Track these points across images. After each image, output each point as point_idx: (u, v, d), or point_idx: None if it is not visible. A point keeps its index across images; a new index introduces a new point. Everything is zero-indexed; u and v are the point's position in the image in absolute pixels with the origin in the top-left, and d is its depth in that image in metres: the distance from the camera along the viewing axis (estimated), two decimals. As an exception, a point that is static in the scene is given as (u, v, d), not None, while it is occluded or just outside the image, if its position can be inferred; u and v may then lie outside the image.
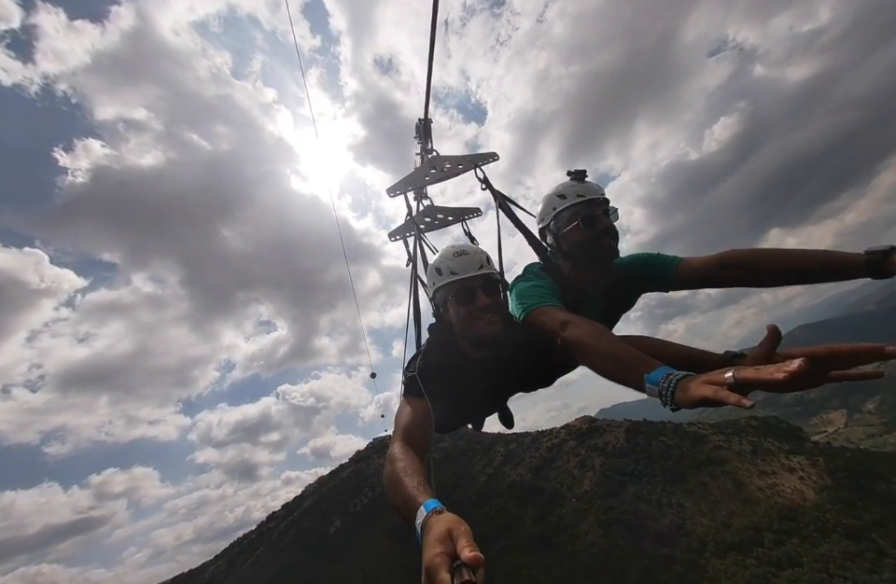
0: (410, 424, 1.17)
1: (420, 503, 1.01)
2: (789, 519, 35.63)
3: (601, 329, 1.08)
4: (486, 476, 64.33)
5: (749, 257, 1.20)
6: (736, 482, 42.29)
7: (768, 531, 35.20)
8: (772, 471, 41.73)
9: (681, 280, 1.38)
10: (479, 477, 64.85)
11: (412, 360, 1.44)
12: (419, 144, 2.96)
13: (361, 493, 71.51)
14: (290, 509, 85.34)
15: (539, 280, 1.43)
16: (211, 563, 76.04)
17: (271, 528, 79.10)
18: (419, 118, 2.89)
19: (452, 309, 1.31)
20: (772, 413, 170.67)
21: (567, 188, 1.49)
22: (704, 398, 1.05)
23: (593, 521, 45.42)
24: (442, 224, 2.97)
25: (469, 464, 69.52)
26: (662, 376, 1.05)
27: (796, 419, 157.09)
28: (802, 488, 38.29)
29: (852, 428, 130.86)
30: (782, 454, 43.91)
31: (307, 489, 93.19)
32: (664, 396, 1.05)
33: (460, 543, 1.00)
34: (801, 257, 1.15)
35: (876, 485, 36.70)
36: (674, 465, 48.31)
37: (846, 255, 1.12)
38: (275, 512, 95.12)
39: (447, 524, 1.00)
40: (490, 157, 2.65)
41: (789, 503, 37.33)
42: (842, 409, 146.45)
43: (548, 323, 1.18)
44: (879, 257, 1.11)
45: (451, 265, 1.32)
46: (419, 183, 2.80)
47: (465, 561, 1.00)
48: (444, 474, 65.04)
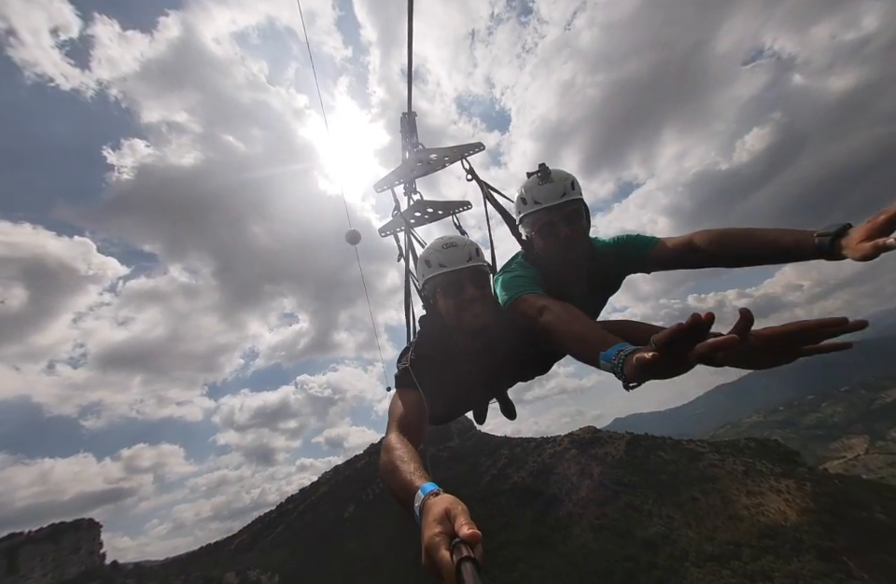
0: (404, 414, 1.17)
1: (417, 487, 1.01)
2: (768, 537, 38.34)
3: (572, 311, 1.05)
4: (490, 476, 68.47)
5: (716, 237, 1.18)
6: (725, 499, 45.01)
7: (747, 546, 38.06)
8: (760, 492, 44.20)
9: (657, 261, 1.39)
10: (484, 477, 69.10)
11: (403, 352, 1.50)
12: (405, 139, 2.97)
13: (374, 482, 77.24)
14: (308, 493, 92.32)
15: (521, 270, 1.47)
16: (235, 536, 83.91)
17: (290, 509, 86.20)
18: (402, 112, 2.92)
19: (440, 301, 1.37)
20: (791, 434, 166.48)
21: (528, 192, 1.48)
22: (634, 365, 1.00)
23: (586, 524, 49.03)
24: (432, 218, 2.97)
25: (475, 464, 73.89)
26: (614, 353, 1.01)
27: (816, 442, 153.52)
28: (785, 509, 40.75)
29: (872, 455, 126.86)
30: (772, 477, 46.15)
31: (324, 476, 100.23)
32: (616, 372, 1.01)
33: (458, 521, 1.00)
34: (759, 237, 1.07)
35: (858, 513, 38.82)
36: (668, 479, 51.19)
37: (800, 235, 1.02)
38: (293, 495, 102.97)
39: (445, 504, 1.01)
40: (475, 147, 2.62)
41: (770, 522, 39.95)
42: (865, 434, 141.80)
43: (527, 310, 1.19)
44: (828, 240, 0.99)
45: (439, 257, 1.37)
46: (406, 177, 2.79)
47: (463, 538, 1.00)
48: (451, 472, 69.60)
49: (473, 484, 66.13)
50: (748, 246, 1.10)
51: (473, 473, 69.01)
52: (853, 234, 0.99)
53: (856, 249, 0.98)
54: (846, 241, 0.99)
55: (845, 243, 0.99)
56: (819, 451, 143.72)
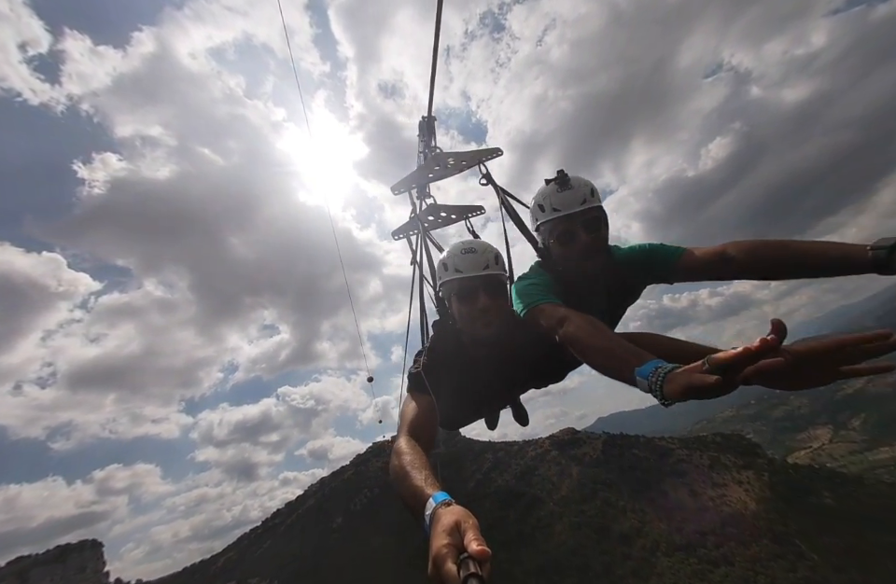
0: (415, 418, 1.16)
1: (429, 495, 0.99)
2: (730, 525, 41.34)
3: (596, 324, 1.01)
4: (475, 481, 70.05)
5: (751, 248, 1.14)
6: (692, 492, 48.01)
7: (711, 534, 40.94)
8: (723, 483, 47.42)
9: (684, 271, 1.35)
10: (469, 481, 70.59)
11: (416, 356, 1.48)
12: (422, 142, 2.95)
13: (361, 493, 77.49)
14: (294, 507, 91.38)
15: (538, 278, 1.45)
16: (221, 554, 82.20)
17: (277, 523, 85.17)
18: (422, 116, 2.89)
19: (454, 306, 1.35)
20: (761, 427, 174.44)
21: (546, 199, 1.46)
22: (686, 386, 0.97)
23: (566, 522, 51.20)
24: (446, 222, 2.94)
25: (460, 469, 75.36)
26: (651, 369, 0.98)
27: (784, 434, 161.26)
28: (745, 499, 43.96)
29: (836, 444, 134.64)
30: (735, 469, 49.52)
31: (310, 488, 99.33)
32: (653, 390, 0.98)
33: (468, 536, 0.99)
34: (804, 250, 1.04)
35: (809, 498, 42.35)
36: (641, 476, 54.02)
37: (850, 248, 1.01)
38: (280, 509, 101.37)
39: (455, 516, 0.99)
40: (494, 152, 2.59)
41: (733, 511, 43.03)
42: (829, 425, 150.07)
43: (545, 320, 1.15)
44: (884, 253, 0.99)
45: (457, 262, 1.34)
46: (423, 180, 2.79)
47: (472, 554, 0.98)
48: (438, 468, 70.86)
49: (459, 489, 67.52)
50: (788, 258, 1.07)
51: (458, 478, 70.41)
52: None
53: None
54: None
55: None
56: (787, 443, 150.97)
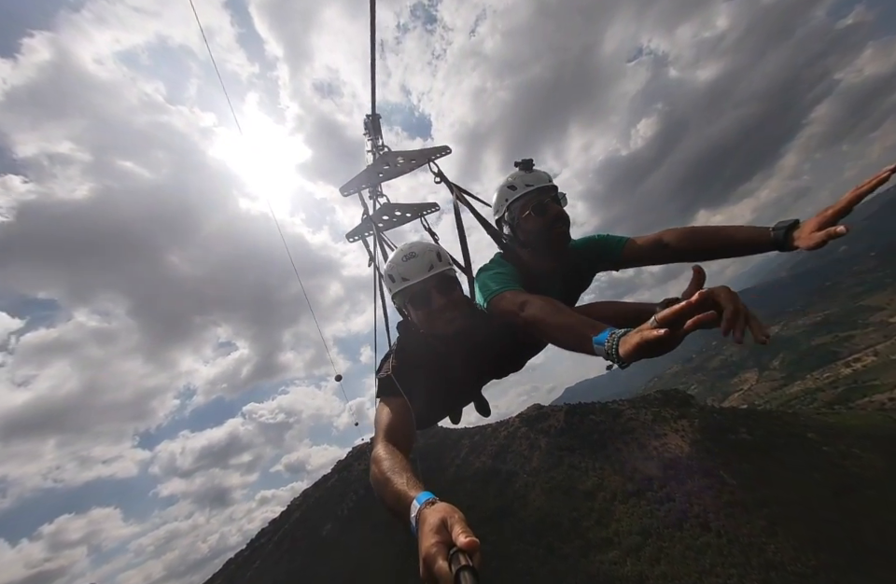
0: (390, 423, 1.15)
1: (412, 497, 1.00)
2: (670, 468, 47.89)
3: (555, 304, 1.08)
4: (455, 466, 73.66)
5: (681, 235, 1.33)
6: (640, 445, 54.52)
7: (656, 478, 47.29)
8: (664, 433, 54.33)
9: (628, 258, 1.51)
10: (449, 468, 74.07)
11: (383, 360, 1.47)
12: (369, 140, 2.89)
13: (347, 497, 78.55)
14: (280, 524, 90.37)
15: (499, 267, 1.51)
16: (209, 582, 80.00)
17: (263, 543, 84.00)
18: (366, 115, 2.84)
19: (412, 312, 1.36)
20: (703, 377, 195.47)
21: (517, 179, 1.58)
22: (637, 345, 1.06)
23: (539, 490, 56.11)
24: (401, 221, 2.93)
25: (439, 458, 78.70)
26: (606, 336, 1.06)
27: (721, 381, 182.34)
28: (681, 444, 50.96)
29: (761, 384, 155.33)
30: (672, 419, 56.81)
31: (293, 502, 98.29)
32: (609, 355, 1.06)
33: (455, 530, 1.00)
34: (724, 234, 1.23)
35: (728, 436, 50.10)
36: (598, 438, 60.08)
37: (757, 231, 1.17)
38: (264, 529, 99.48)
39: (441, 514, 1.00)
40: (442, 150, 2.63)
41: (672, 456, 49.76)
42: (755, 368, 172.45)
43: (508, 306, 1.20)
44: (782, 233, 1.14)
45: (401, 271, 1.35)
46: (373, 180, 2.74)
47: (461, 546, 0.99)
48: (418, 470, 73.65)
49: (440, 477, 70.82)
50: (713, 242, 1.26)
51: (438, 467, 73.68)
52: (804, 227, 1.13)
53: (808, 239, 1.12)
54: (797, 233, 1.14)
55: (797, 234, 1.14)
56: (724, 388, 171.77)
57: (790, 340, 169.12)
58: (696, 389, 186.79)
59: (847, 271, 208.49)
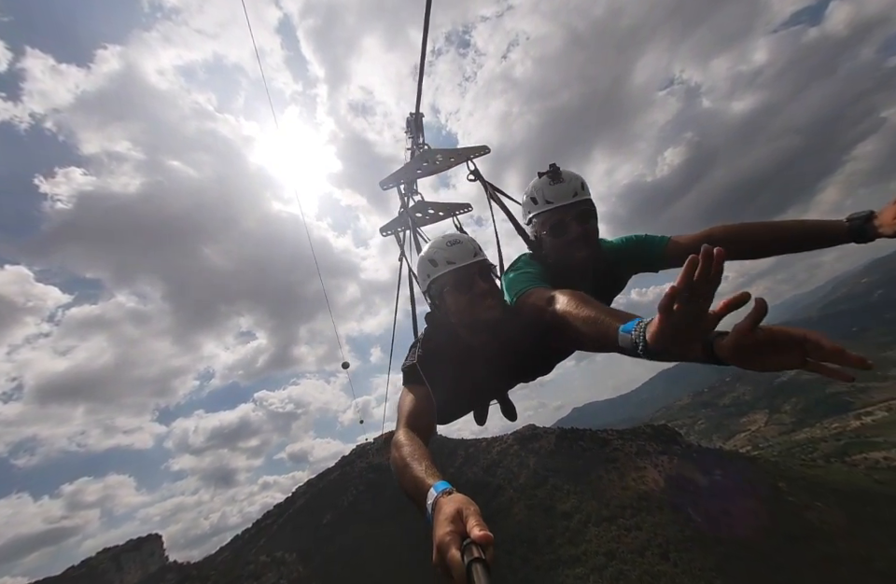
0: (413, 410, 1.18)
1: (430, 485, 1.00)
2: (644, 499, 52.54)
3: (583, 297, 1.02)
4: (449, 475, 79.87)
5: (735, 231, 1.24)
6: (620, 474, 59.26)
7: (629, 508, 51.99)
8: (644, 466, 58.83)
9: (670, 258, 1.40)
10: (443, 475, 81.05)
11: (411, 349, 1.47)
12: (410, 138, 2.94)
13: (347, 491, 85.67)
14: (284, 508, 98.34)
15: (528, 267, 1.48)
16: (218, 553, 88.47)
17: (269, 523, 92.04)
18: (410, 113, 2.88)
19: (451, 298, 1.35)
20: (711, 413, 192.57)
21: (539, 191, 1.49)
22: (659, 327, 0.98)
23: (522, 505, 61.56)
24: (433, 219, 2.96)
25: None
26: (633, 325, 1.00)
27: (729, 419, 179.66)
28: (658, 478, 55.39)
29: (769, 427, 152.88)
30: (654, 454, 61.13)
31: (298, 490, 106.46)
32: (636, 343, 0.99)
33: (470, 522, 0.99)
34: (784, 228, 1.18)
35: (703, 477, 54.18)
36: (584, 463, 65.10)
37: (828, 222, 1.13)
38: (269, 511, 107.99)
39: (457, 504, 1.00)
40: (481, 150, 2.63)
41: (647, 489, 54.33)
42: (766, 409, 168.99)
43: (536, 301, 1.17)
44: (860, 222, 1.10)
45: (446, 255, 1.36)
46: (411, 176, 2.77)
47: (475, 539, 1.00)
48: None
49: (434, 483, 77.27)
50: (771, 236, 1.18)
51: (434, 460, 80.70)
52: (883, 216, 1.07)
53: (891, 225, 1.04)
54: (878, 221, 1.07)
55: (877, 223, 1.07)
56: (732, 427, 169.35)
57: (805, 384, 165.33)
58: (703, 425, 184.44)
59: (878, 318, 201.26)
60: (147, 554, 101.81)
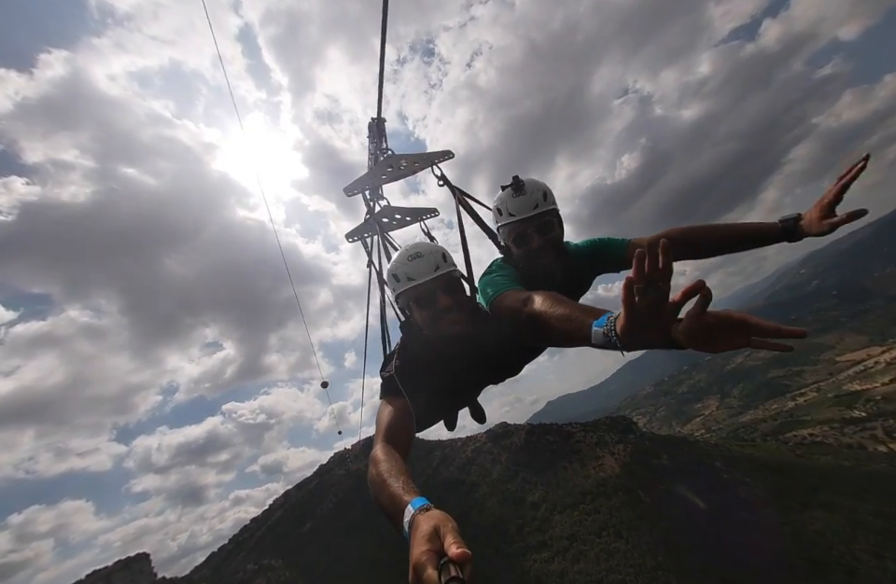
0: (390, 424, 1.16)
1: (407, 502, 1.00)
2: (601, 485, 57.79)
3: (556, 297, 1.08)
4: (426, 475, 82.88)
5: (685, 233, 1.38)
6: (582, 464, 64.47)
7: (589, 494, 57.09)
8: (602, 455, 64.34)
9: (631, 259, 1.42)
10: (420, 477, 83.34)
11: (386, 360, 1.47)
12: (372, 143, 2.92)
13: (327, 499, 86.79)
14: (262, 521, 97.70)
15: (501, 270, 1.54)
16: (195, 571, 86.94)
17: (246, 538, 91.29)
18: (371, 118, 2.86)
19: (415, 312, 1.36)
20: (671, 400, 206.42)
21: (503, 204, 1.58)
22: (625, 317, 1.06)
23: (494, 500, 65.57)
24: (400, 224, 2.94)
25: (413, 467, 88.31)
26: (605, 319, 1.06)
27: (686, 405, 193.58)
28: (614, 465, 60.95)
29: (720, 411, 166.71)
30: (612, 444, 66.89)
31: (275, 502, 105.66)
32: (608, 335, 1.05)
33: (447, 540, 1.00)
34: (728, 230, 1.32)
35: (651, 461, 60.31)
36: (550, 456, 69.96)
37: (764, 224, 1.27)
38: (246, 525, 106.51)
39: (434, 521, 1.00)
40: (445, 154, 2.63)
41: (605, 475, 59.71)
42: (718, 395, 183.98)
43: (511, 303, 1.20)
44: (791, 223, 1.25)
45: (406, 270, 1.34)
46: (376, 182, 2.75)
47: (452, 557, 1.00)
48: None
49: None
50: (717, 238, 1.34)
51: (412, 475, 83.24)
52: (809, 217, 1.23)
53: (819, 227, 1.19)
54: (804, 223, 1.24)
55: (804, 224, 1.24)
56: (688, 413, 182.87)
57: (750, 370, 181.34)
58: (664, 411, 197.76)
59: (810, 307, 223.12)
60: (137, 572, 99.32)
